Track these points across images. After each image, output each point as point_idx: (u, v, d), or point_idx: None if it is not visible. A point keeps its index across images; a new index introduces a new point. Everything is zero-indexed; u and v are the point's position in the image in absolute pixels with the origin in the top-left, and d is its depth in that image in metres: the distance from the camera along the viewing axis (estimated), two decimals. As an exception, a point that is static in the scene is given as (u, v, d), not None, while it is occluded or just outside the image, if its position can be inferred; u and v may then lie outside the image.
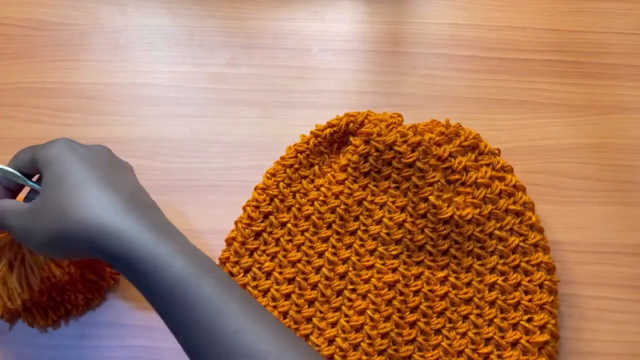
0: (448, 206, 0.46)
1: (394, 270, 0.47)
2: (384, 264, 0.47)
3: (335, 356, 0.44)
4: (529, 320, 0.44)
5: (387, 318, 0.45)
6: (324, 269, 0.47)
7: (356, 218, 0.48)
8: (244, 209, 0.49)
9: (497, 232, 0.46)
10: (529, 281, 0.45)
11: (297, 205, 0.49)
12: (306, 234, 0.48)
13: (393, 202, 0.48)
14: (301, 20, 0.62)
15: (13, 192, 0.41)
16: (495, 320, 0.45)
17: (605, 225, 0.51)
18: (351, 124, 0.49)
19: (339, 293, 0.47)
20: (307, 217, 0.48)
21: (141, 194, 0.38)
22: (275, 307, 0.46)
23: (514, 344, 0.44)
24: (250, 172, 0.51)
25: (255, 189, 0.50)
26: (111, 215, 0.34)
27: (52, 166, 0.36)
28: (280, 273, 0.47)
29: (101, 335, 0.46)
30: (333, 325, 0.46)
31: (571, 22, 0.61)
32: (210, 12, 0.62)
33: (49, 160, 0.37)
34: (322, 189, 0.49)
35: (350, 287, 0.47)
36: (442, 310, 0.46)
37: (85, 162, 0.37)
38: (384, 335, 0.45)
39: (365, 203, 0.48)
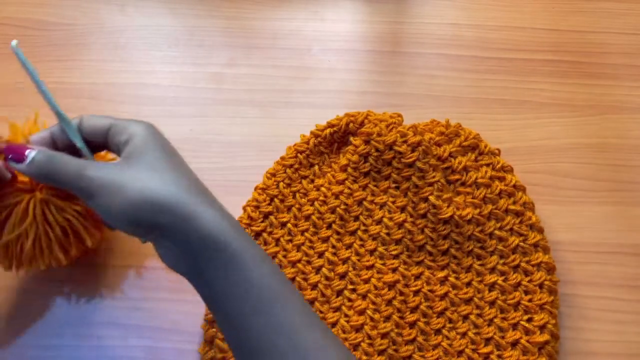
0: (448, 206, 0.46)
1: (394, 270, 0.47)
2: (384, 264, 0.47)
3: (335, 356, 0.44)
4: (529, 320, 0.44)
5: (387, 318, 0.45)
6: (324, 269, 0.47)
7: (356, 218, 0.48)
8: (244, 209, 0.49)
9: (497, 232, 0.46)
10: (529, 281, 0.45)
11: (297, 205, 0.49)
12: (306, 234, 0.48)
13: (393, 202, 0.48)
14: (301, 20, 0.62)
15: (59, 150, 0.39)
16: (495, 320, 0.45)
17: (605, 225, 0.51)
18: (351, 124, 0.49)
19: (339, 293, 0.47)
20: (307, 217, 0.48)
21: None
22: (275, 307, 0.46)
23: (514, 344, 0.44)
24: (250, 172, 0.51)
25: (255, 189, 0.50)
26: (199, 200, 0.34)
27: (137, 141, 0.36)
28: (280, 273, 0.47)
29: (101, 335, 0.46)
30: (333, 325, 0.46)
31: (571, 22, 0.61)
32: (210, 12, 0.62)
33: (136, 134, 0.36)
34: (322, 189, 0.49)
35: (350, 287, 0.47)
36: (442, 310, 0.46)
37: (169, 150, 0.37)
38: (384, 335, 0.45)
39: (365, 203, 0.48)
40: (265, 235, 0.48)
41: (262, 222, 0.49)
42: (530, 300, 0.45)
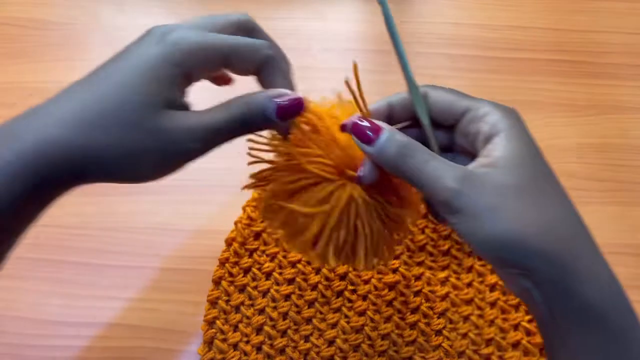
0: (449, 206, 0.46)
1: (395, 271, 0.46)
2: (384, 265, 0.47)
3: (336, 357, 0.44)
4: (530, 320, 0.44)
5: (388, 319, 0.45)
6: (324, 270, 0.47)
7: (356, 218, 0.48)
8: (244, 209, 0.49)
9: (498, 232, 0.46)
10: (530, 282, 0.45)
11: (297, 206, 0.49)
12: (306, 234, 0.48)
13: (393, 203, 0.48)
14: (301, 20, 0.61)
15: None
16: (497, 321, 0.45)
17: (607, 225, 0.51)
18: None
19: (339, 294, 0.46)
20: (308, 218, 0.48)
21: None
22: (275, 307, 0.46)
23: (515, 345, 0.44)
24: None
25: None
26: (586, 250, 0.28)
27: (508, 144, 0.27)
28: (280, 274, 0.47)
29: (101, 335, 0.46)
30: (333, 326, 0.45)
31: (573, 22, 0.61)
32: (210, 12, 0.62)
33: (503, 131, 0.28)
34: (323, 189, 0.49)
35: (350, 287, 0.46)
36: (443, 311, 0.45)
37: (545, 163, 0.29)
38: (384, 336, 0.45)
39: (365, 203, 0.48)
40: (265, 235, 0.48)
41: (262, 222, 0.49)
42: (531, 301, 0.45)
